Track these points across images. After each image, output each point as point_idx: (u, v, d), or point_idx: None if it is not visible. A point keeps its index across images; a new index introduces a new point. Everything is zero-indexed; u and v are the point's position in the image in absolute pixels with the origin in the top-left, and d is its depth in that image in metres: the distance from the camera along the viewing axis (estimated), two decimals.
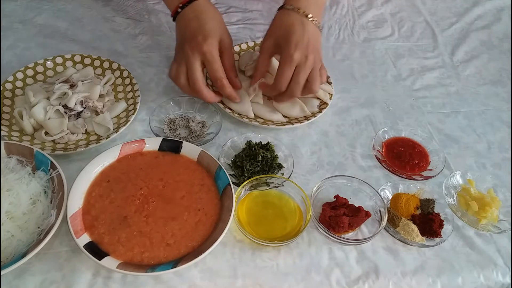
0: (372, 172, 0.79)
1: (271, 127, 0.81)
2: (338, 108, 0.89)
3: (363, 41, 1.07)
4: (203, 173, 0.69)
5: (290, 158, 0.76)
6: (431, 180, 0.77)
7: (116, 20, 1.01)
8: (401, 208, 0.72)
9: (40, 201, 0.63)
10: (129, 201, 0.64)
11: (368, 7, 1.17)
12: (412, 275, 0.66)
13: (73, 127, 0.75)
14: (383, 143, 0.83)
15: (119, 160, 0.69)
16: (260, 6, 1.09)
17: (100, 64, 0.86)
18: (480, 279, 0.67)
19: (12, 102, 0.78)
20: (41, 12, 1.00)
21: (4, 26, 0.95)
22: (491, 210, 0.72)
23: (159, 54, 0.94)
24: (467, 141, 0.87)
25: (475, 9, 1.21)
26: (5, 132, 0.73)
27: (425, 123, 0.90)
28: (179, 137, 0.78)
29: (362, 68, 1.00)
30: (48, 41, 0.94)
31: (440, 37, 1.12)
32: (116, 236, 0.60)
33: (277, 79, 0.74)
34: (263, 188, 0.71)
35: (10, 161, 0.65)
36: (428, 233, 0.69)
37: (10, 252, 0.58)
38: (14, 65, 0.84)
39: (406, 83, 0.98)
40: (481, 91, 0.99)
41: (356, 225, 0.68)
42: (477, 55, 1.09)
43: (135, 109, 0.78)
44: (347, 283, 0.64)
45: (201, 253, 0.58)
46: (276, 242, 0.65)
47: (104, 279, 0.60)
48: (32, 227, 0.60)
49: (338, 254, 0.67)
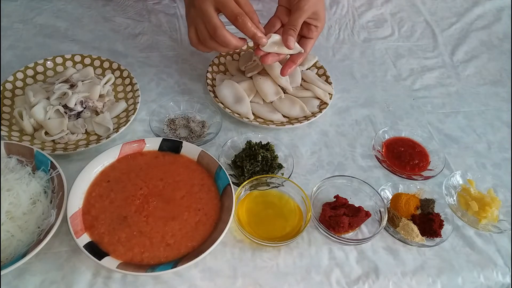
0: (372, 172, 0.79)
1: (271, 127, 0.81)
2: (338, 108, 0.89)
3: (363, 41, 1.07)
4: (203, 173, 0.69)
5: (290, 158, 0.76)
6: (431, 180, 0.77)
7: (116, 20, 1.01)
8: (401, 208, 0.72)
9: (40, 201, 0.63)
10: (129, 201, 0.64)
11: (368, 7, 1.17)
12: (412, 275, 0.66)
13: (73, 127, 0.75)
14: (383, 143, 0.83)
15: (119, 160, 0.69)
16: (260, 6, 1.09)
17: (100, 64, 0.86)
18: (480, 279, 0.67)
19: (12, 102, 0.78)
20: (41, 12, 1.00)
21: (4, 26, 0.95)
22: (491, 210, 0.72)
23: (159, 54, 0.94)
24: (467, 141, 0.87)
25: (475, 9, 1.22)
26: (5, 132, 0.73)
27: (425, 123, 0.90)
28: (179, 137, 0.78)
29: (362, 68, 1.00)
30: (48, 41, 0.94)
31: (440, 37, 1.12)
32: (116, 236, 0.60)
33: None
34: (263, 188, 0.71)
35: (10, 161, 0.65)
36: (428, 233, 0.69)
37: (10, 252, 0.58)
38: (14, 65, 0.84)
39: (406, 83, 0.98)
40: (481, 91, 0.99)
41: (356, 225, 0.68)
42: (477, 55, 1.09)
43: (135, 109, 0.78)
44: (347, 283, 0.64)
45: (201, 253, 0.58)
46: (276, 242, 0.65)
47: (104, 279, 0.60)
48: (32, 227, 0.60)
49: (338, 254, 0.67)
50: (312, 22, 0.77)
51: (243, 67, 0.88)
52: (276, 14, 0.80)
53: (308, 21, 0.76)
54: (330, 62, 0.99)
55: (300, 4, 0.74)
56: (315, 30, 0.77)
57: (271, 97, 0.84)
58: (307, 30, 0.77)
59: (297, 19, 0.74)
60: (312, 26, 0.77)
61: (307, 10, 0.74)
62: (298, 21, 0.74)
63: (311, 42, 0.78)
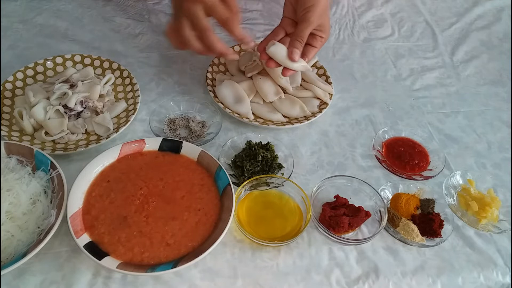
0: (372, 172, 0.79)
1: (271, 127, 0.81)
2: (338, 108, 0.89)
3: (363, 41, 1.07)
4: (203, 173, 0.69)
5: (290, 158, 0.76)
6: (431, 180, 0.77)
7: (116, 20, 1.01)
8: (401, 208, 0.72)
9: (40, 201, 0.63)
10: (129, 201, 0.64)
11: (368, 7, 1.17)
12: (412, 275, 0.66)
13: (73, 127, 0.75)
14: (383, 143, 0.83)
15: (119, 160, 0.69)
16: (260, 6, 1.09)
17: (100, 64, 0.86)
18: (480, 279, 0.67)
19: (12, 102, 0.78)
20: (41, 12, 1.00)
21: (4, 26, 0.95)
22: (491, 210, 0.72)
23: (159, 54, 0.94)
24: (467, 141, 0.87)
25: (475, 9, 1.22)
26: (5, 132, 0.73)
27: (425, 123, 0.90)
28: (179, 137, 0.78)
29: (362, 68, 1.00)
30: (48, 41, 0.94)
31: (440, 37, 1.12)
32: (116, 236, 0.60)
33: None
34: (263, 188, 0.71)
35: (10, 161, 0.65)
36: (428, 233, 0.69)
37: (10, 252, 0.58)
38: (14, 65, 0.84)
39: (406, 83, 0.98)
40: (481, 91, 0.99)
41: (356, 225, 0.68)
42: (477, 55, 1.09)
43: (135, 109, 0.78)
44: (347, 283, 0.64)
45: (201, 253, 0.58)
46: (276, 242, 0.65)
47: (104, 279, 0.60)
48: (32, 227, 0.60)
49: (338, 254, 0.67)
50: (318, 33, 0.78)
51: (243, 67, 0.88)
52: (281, 25, 0.81)
53: (314, 32, 0.77)
54: (330, 62, 0.99)
55: (307, 15, 0.75)
56: (320, 40, 0.79)
57: (271, 97, 0.84)
58: (312, 39, 0.78)
59: (303, 30, 0.75)
60: (317, 37, 0.78)
61: (313, 21, 0.75)
62: (304, 32, 0.76)
63: (314, 50, 0.79)
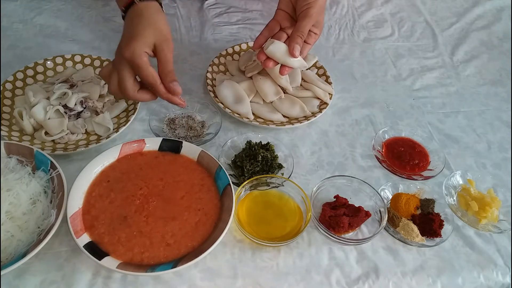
0: (372, 172, 0.79)
1: (271, 127, 0.81)
2: (338, 108, 0.89)
3: (363, 41, 1.07)
4: (203, 173, 0.69)
5: (290, 158, 0.76)
6: (431, 180, 0.77)
7: (116, 20, 1.01)
8: (401, 208, 0.72)
9: (40, 201, 0.63)
10: (129, 201, 0.64)
11: (368, 7, 1.17)
12: (412, 275, 0.66)
13: (73, 127, 0.75)
14: (383, 143, 0.83)
15: (119, 160, 0.69)
16: (260, 6, 1.09)
17: (100, 64, 0.86)
18: (480, 279, 0.67)
19: (12, 102, 0.78)
20: (41, 12, 1.00)
21: (4, 26, 0.95)
22: (491, 210, 0.72)
23: None
24: (467, 141, 0.87)
25: (475, 9, 1.22)
26: (5, 132, 0.73)
27: (425, 123, 0.90)
28: (179, 137, 0.78)
29: (362, 68, 1.00)
30: (48, 41, 0.94)
31: (440, 37, 1.12)
32: (116, 236, 0.60)
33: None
34: (263, 188, 0.71)
35: (10, 161, 0.65)
36: (428, 233, 0.69)
37: (10, 252, 0.58)
38: (14, 65, 0.84)
39: (406, 83, 0.98)
40: (481, 91, 0.99)
41: (356, 225, 0.68)
42: (477, 55, 1.09)
43: (135, 109, 0.78)
44: (347, 283, 0.64)
45: (201, 253, 0.58)
46: (276, 242, 0.65)
47: (104, 279, 0.60)
48: (32, 227, 0.60)
49: (338, 254, 0.67)
50: (313, 30, 0.78)
51: (243, 67, 0.88)
52: (276, 18, 0.80)
53: (310, 28, 0.77)
54: (330, 62, 0.99)
55: (309, 11, 0.75)
56: (314, 37, 0.79)
57: (271, 97, 0.84)
58: (308, 36, 0.79)
59: (305, 25, 0.76)
60: (312, 33, 0.79)
61: (314, 17, 0.76)
62: (306, 28, 0.76)
63: (308, 47, 0.80)
